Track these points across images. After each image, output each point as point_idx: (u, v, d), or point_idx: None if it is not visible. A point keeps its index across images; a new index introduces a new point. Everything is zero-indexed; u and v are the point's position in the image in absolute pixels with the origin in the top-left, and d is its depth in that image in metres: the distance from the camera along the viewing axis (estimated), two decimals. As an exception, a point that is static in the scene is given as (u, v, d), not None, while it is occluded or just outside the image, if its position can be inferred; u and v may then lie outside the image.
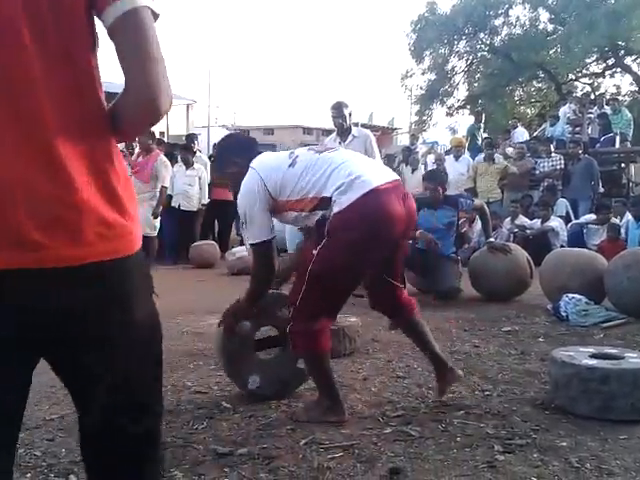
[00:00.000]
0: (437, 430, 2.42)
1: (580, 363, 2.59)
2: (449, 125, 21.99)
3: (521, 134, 12.20)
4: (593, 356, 2.69)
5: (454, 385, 2.94)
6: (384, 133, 38.13)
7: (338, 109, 5.60)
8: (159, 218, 7.75)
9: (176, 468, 2.09)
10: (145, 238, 6.95)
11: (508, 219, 8.53)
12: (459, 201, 5.53)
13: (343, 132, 5.67)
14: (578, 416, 2.51)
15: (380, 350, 3.70)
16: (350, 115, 5.68)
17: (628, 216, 8.13)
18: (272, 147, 9.75)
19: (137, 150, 8.20)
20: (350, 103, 5.67)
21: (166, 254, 8.70)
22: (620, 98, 17.06)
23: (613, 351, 2.82)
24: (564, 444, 2.27)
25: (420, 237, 5.29)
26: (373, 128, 41.45)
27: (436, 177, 5.74)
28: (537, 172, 9.76)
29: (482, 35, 20.36)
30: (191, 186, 8.70)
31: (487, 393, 2.89)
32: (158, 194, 7.66)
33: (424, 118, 22.55)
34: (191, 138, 10.44)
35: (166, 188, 7.85)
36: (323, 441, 2.31)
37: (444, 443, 2.29)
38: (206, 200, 8.88)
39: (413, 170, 10.13)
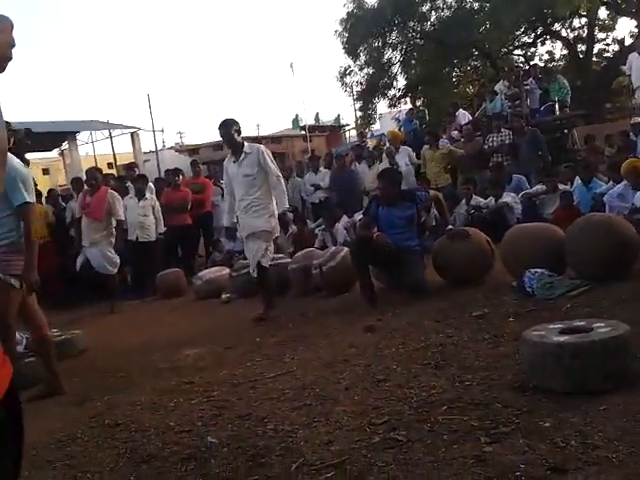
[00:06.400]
0: (423, 431, 2.44)
1: (550, 341, 2.62)
2: (394, 115, 22.18)
3: (463, 116, 12.38)
4: (562, 332, 2.72)
5: (434, 379, 2.99)
6: (332, 132, 38.36)
7: (223, 129, 5.55)
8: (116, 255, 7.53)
9: (170, 516, 2.06)
10: (106, 276, 6.87)
11: (463, 201, 8.64)
12: (417, 195, 5.58)
13: (235, 150, 5.61)
14: (557, 393, 2.55)
15: (359, 355, 3.71)
16: (238, 132, 5.59)
17: (578, 180, 8.30)
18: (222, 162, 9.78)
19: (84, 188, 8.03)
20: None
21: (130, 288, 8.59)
22: (554, 64, 17.45)
23: (581, 323, 2.85)
24: (547, 425, 2.31)
25: (377, 240, 5.28)
26: (321, 128, 41.53)
27: (388, 175, 5.76)
28: (486, 147, 9.92)
29: (412, 23, 20.54)
30: (146, 216, 8.61)
31: (467, 383, 2.92)
32: (114, 230, 7.50)
33: (368, 112, 22.71)
34: (131, 167, 10.38)
35: (123, 221, 7.72)
36: (314, 462, 2.30)
37: (432, 444, 2.31)
38: (162, 229, 8.80)
39: (370, 166, 10.24)
